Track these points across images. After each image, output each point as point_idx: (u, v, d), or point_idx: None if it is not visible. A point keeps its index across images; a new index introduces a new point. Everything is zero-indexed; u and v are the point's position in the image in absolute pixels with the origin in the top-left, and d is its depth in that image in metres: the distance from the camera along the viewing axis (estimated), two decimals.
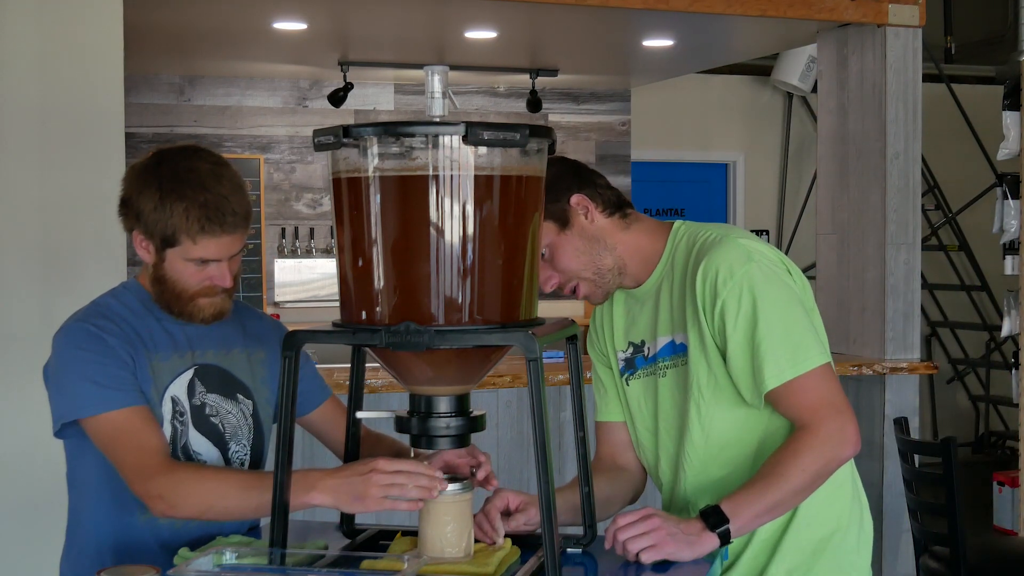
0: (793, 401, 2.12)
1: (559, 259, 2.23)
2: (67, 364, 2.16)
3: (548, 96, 8.32)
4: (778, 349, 2.10)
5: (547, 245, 2.21)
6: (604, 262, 2.25)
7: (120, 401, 2.12)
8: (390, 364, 1.96)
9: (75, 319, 2.21)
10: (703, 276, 2.15)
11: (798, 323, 2.13)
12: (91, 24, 4.06)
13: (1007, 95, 5.41)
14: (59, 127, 4.03)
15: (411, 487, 1.92)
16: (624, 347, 2.36)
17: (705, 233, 2.22)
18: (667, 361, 2.27)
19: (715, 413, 2.20)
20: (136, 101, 7.41)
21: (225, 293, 2.22)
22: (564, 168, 2.25)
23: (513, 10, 5.55)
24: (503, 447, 4.71)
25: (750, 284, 2.11)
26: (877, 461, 5.11)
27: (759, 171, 9.22)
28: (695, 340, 2.19)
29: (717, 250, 2.15)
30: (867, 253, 5.36)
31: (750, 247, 2.16)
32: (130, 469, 2.10)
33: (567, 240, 2.22)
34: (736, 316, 2.12)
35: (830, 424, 2.10)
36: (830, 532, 2.23)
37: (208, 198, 2.11)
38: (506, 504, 2.15)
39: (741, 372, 2.15)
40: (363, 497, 1.93)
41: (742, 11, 5.16)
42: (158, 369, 2.20)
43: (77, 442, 2.20)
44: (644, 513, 2.04)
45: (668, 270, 2.26)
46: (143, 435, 2.11)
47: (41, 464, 3.85)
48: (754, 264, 2.13)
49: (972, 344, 9.17)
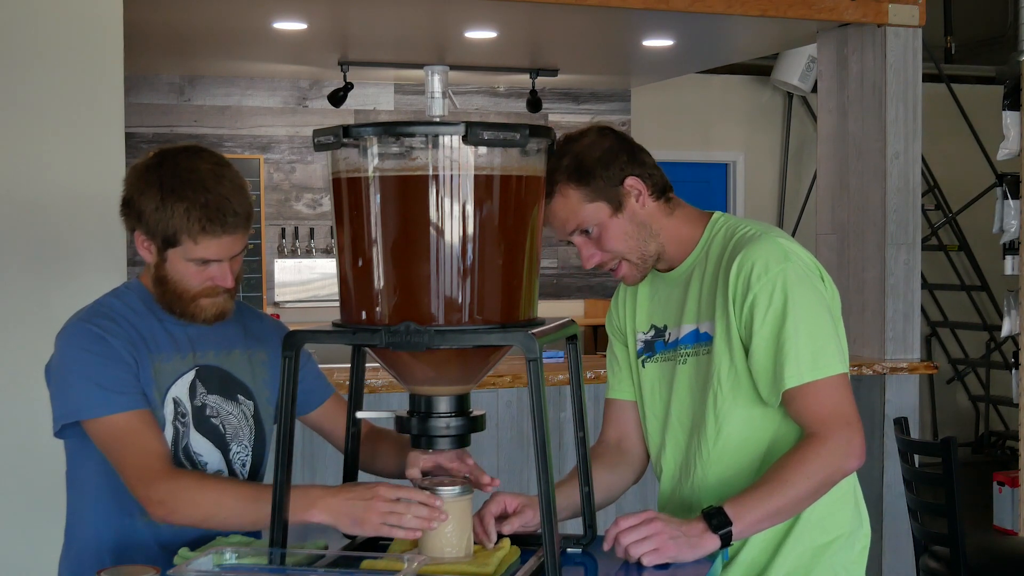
0: (806, 405, 2.13)
1: (607, 240, 2.20)
2: (70, 365, 2.15)
3: (548, 96, 8.32)
4: (801, 350, 2.11)
5: (596, 224, 2.18)
6: (649, 248, 2.23)
7: (123, 404, 2.11)
8: (390, 364, 1.96)
9: (78, 319, 2.20)
10: (738, 268, 2.15)
11: (824, 328, 2.14)
12: (91, 24, 4.06)
13: (1007, 95, 5.41)
14: (59, 127, 4.03)
15: (409, 517, 1.94)
16: (646, 328, 2.35)
17: (745, 227, 2.23)
18: (689, 349, 2.26)
19: (730, 407, 2.20)
20: (136, 101, 7.41)
21: (227, 293, 2.21)
22: (618, 144, 2.22)
23: (513, 10, 5.55)
24: (503, 447, 4.71)
25: (784, 282, 2.12)
26: (877, 461, 5.11)
27: (759, 171, 9.22)
28: (721, 331, 2.19)
29: (755, 245, 2.16)
30: (867, 253, 5.36)
31: (788, 247, 2.18)
32: (132, 473, 2.09)
33: (617, 223, 2.19)
34: (765, 311, 2.12)
35: (839, 435, 2.11)
36: (831, 539, 2.24)
37: (209, 198, 2.11)
38: (502, 508, 2.14)
39: (762, 368, 2.15)
40: (362, 522, 1.94)
41: (742, 11, 5.15)
42: (160, 370, 2.20)
43: (78, 443, 2.20)
44: (646, 516, 2.03)
45: (702, 258, 2.25)
46: (145, 439, 2.11)
47: (40, 464, 3.85)
48: (790, 264, 2.14)
49: (972, 344, 9.17)
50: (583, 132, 2.24)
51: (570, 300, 8.73)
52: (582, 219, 2.18)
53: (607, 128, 2.24)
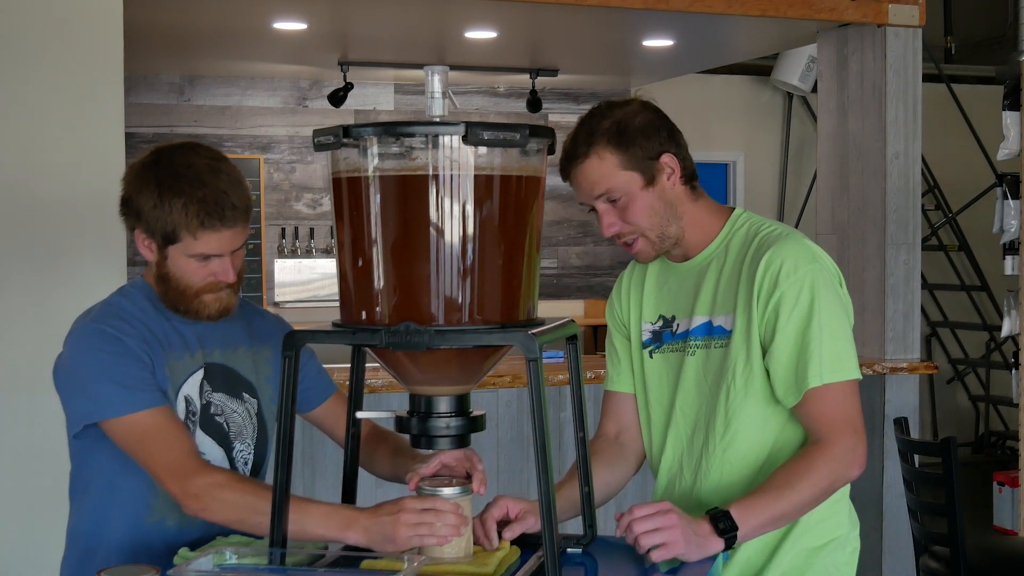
0: (818, 408, 2.13)
1: (632, 212, 2.19)
2: (87, 366, 2.14)
3: (548, 96, 8.32)
4: (824, 352, 2.12)
5: (625, 194, 2.17)
6: (670, 229, 2.22)
7: (146, 402, 2.11)
8: (390, 364, 1.95)
9: (89, 320, 2.19)
10: (766, 265, 2.15)
11: (844, 333, 2.17)
12: (91, 24, 4.06)
13: (1007, 95, 5.41)
14: (59, 126, 4.03)
15: (440, 526, 1.94)
16: (654, 319, 2.34)
17: (770, 227, 2.24)
18: (699, 341, 2.25)
19: (741, 404, 2.20)
20: (136, 101, 7.41)
21: (230, 288, 2.21)
22: (659, 119, 2.20)
23: (513, 10, 5.55)
24: (503, 447, 4.71)
25: (811, 283, 2.14)
26: (877, 461, 5.11)
27: (759, 171, 9.22)
28: (741, 326, 2.19)
29: (784, 244, 2.17)
30: (867, 253, 5.36)
31: (816, 251, 2.20)
32: (163, 469, 2.09)
33: (646, 197, 2.18)
34: (792, 310, 2.13)
35: (844, 442, 2.12)
36: (825, 542, 2.24)
37: (206, 193, 2.10)
38: (505, 512, 2.13)
39: (783, 367, 2.15)
40: (393, 538, 1.94)
41: (742, 11, 5.16)
42: (174, 368, 2.20)
43: (88, 443, 2.19)
44: (661, 507, 2.01)
45: (721, 251, 2.25)
46: (173, 435, 2.11)
47: (40, 463, 3.85)
48: (819, 266, 2.16)
49: (972, 344, 9.17)
50: (627, 100, 2.22)
51: (570, 300, 8.74)
52: (613, 185, 2.17)
53: (650, 103, 2.23)
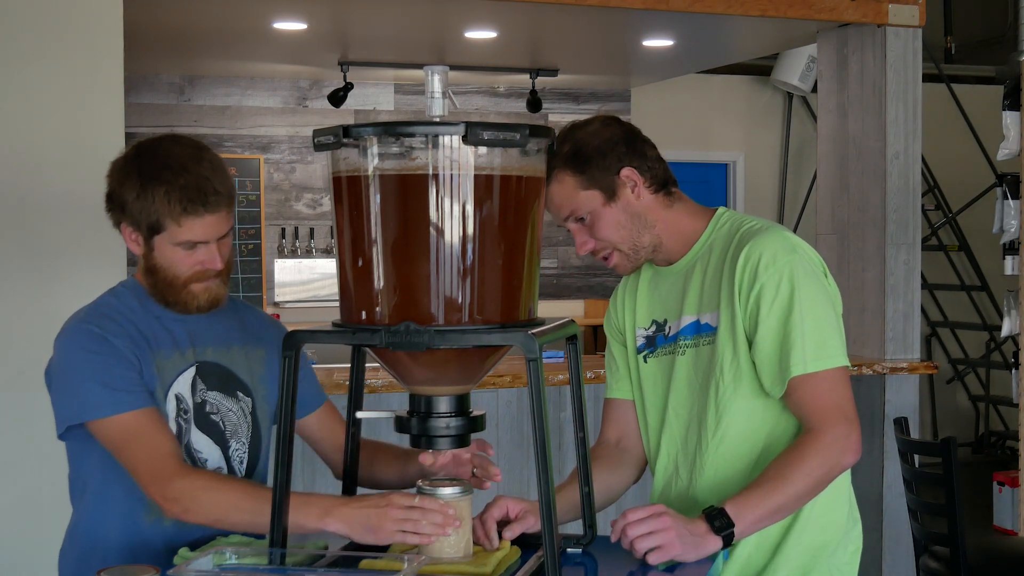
0: (808, 395, 2.13)
1: (599, 229, 2.23)
2: (73, 366, 2.14)
3: (548, 96, 8.32)
4: (807, 340, 2.12)
5: (589, 212, 2.22)
6: (642, 240, 2.26)
7: (130, 403, 2.11)
8: (390, 364, 1.95)
9: (77, 320, 2.19)
10: (745, 259, 2.17)
11: (828, 321, 2.16)
12: (91, 24, 4.06)
13: (1007, 95, 5.41)
14: (59, 126, 4.03)
15: (425, 523, 1.94)
16: (647, 324, 2.36)
17: (750, 222, 2.26)
18: (688, 340, 2.27)
19: (731, 398, 2.21)
20: (136, 101, 7.41)
21: (218, 279, 2.20)
22: (618, 134, 2.24)
23: (513, 10, 5.55)
24: (503, 447, 4.71)
25: (791, 273, 2.15)
26: (877, 461, 5.11)
27: (759, 171, 9.22)
28: (725, 322, 2.20)
29: (763, 237, 2.19)
30: (867, 253, 5.36)
31: (795, 241, 2.21)
32: (144, 472, 2.09)
33: (610, 212, 2.22)
34: (772, 301, 2.14)
35: (836, 429, 2.12)
36: (828, 538, 2.24)
37: (188, 179, 2.10)
38: (505, 512, 2.14)
39: (767, 358, 2.16)
40: (377, 529, 1.94)
41: (742, 11, 5.16)
42: (162, 367, 2.20)
43: (80, 444, 2.19)
44: (655, 511, 2.02)
45: (705, 252, 2.27)
46: (156, 438, 2.11)
47: (39, 464, 3.85)
48: (797, 256, 2.17)
49: (972, 344, 9.17)
50: (588, 121, 2.27)
51: (570, 300, 8.74)
52: (576, 206, 2.22)
53: (612, 118, 2.26)
